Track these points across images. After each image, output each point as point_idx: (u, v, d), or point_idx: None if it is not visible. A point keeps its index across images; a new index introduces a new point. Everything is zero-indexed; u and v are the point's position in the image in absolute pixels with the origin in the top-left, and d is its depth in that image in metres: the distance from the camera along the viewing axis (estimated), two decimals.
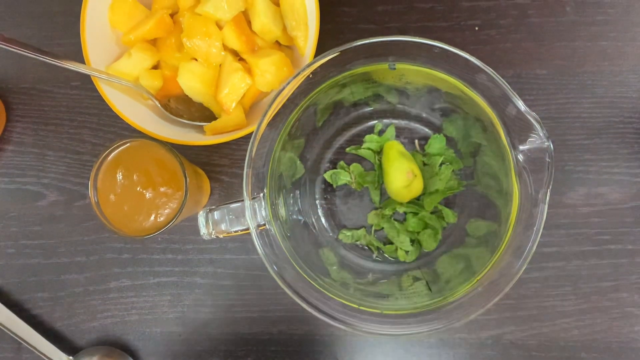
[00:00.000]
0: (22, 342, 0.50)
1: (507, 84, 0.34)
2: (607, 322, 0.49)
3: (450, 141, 0.48)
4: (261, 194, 0.37)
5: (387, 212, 0.48)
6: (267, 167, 0.39)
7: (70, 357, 0.50)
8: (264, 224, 0.37)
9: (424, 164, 0.48)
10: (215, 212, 0.38)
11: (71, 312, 0.52)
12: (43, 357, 0.50)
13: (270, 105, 0.36)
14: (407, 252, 0.47)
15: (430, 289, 0.41)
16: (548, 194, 0.34)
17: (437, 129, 0.48)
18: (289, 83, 0.36)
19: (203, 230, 0.38)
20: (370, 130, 0.49)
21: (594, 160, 0.50)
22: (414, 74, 0.39)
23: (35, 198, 0.53)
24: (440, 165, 0.47)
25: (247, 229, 0.37)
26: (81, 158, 0.53)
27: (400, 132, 0.49)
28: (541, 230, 0.34)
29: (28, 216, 0.53)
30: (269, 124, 0.37)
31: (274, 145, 0.39)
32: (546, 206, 0.34)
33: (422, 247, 0.48)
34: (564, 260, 0.49)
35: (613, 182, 0.50)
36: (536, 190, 0.35)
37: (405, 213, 0.48)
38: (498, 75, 0.34)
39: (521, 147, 0.36)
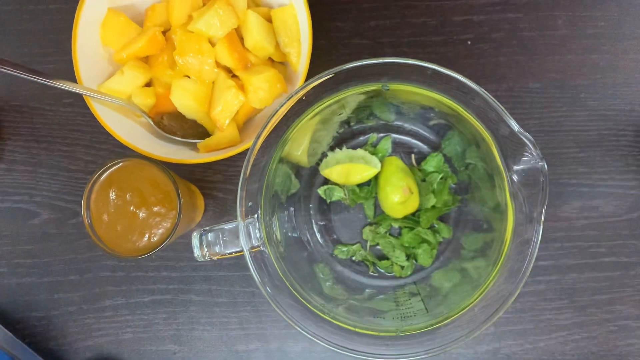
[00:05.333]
0: None
1: (500, 105, 0.34)
2: (603, 335, 0.49)
3: (446, 157, 0.48)
4: (255, 215, 0.37)
5: (382, 229, 0.48)
6: (262, 188, 0.38)
7: None
8: (258, 246, 0.37)
9: (422, 180, 0.48)
10: (209, 234, 0.37)
11: (65, 331, 0.51)
12: None
13: (263, 128, 0.35)
14: (402, 267, 0.47)
15: (426, 309, 0.41)
16: (543, 213, 0.34)
17: (432, 145, 0.48)
18: (282, 105, 0.35)
19: (197, 253, 0.37)
20: (365, 143, 0.49)
21: (588, 173, 0.50)
22: (408, 94, 0.39)
23: (28, 216, 0.52)
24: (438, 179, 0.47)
25: (241, 250, 0.37)
26: (74, 176, 0.52)
27: (395, 147, 0.49)
28: (536, 252, 0.34)
29: (21, 235, 0.52)
30: (262, 145, 0.37)
31: (267, 166, 0.39)
32: (541, 227, 0.34)
33: (417, 262, 0.47)
34: (560, 274, 0.49)
35: (607, 194, 0.50)
36: (531, 210, 0.35)
37: (400, 228, 0.48)
38: (491, 96, 0.34)
39: (515, 168, 0.36)
